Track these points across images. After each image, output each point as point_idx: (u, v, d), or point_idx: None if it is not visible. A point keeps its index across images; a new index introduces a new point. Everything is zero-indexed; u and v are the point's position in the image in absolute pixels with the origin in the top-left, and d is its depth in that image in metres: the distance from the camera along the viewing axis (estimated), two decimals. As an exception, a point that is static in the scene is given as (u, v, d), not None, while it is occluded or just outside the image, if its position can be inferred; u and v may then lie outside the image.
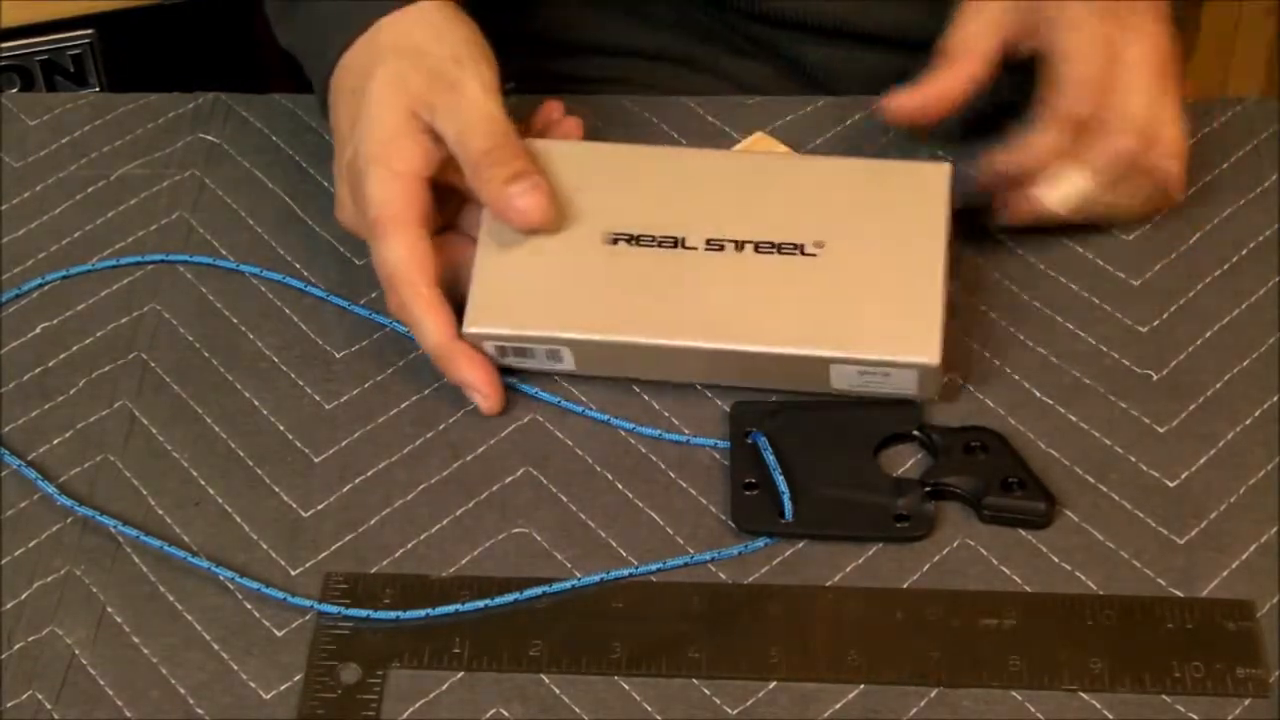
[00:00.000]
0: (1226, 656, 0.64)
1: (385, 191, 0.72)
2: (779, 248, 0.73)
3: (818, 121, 0.84)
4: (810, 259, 0.72)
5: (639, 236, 0.73)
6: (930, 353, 0.70)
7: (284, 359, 0.77)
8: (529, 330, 0.72)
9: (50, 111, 0.89)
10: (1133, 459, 0.71)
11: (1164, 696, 0.64)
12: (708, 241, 0.73)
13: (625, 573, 0.68)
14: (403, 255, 0.72)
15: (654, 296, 0.72)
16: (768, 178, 0.75)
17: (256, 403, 0.75)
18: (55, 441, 0.74)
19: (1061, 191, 0.75)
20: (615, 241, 0.73)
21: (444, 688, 0.65)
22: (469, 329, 0.72)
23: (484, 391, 0.73)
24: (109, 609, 0.68)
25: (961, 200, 0.74)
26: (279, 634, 0.67)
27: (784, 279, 0.72)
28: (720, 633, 0.66)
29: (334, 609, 0.67)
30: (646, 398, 0.74)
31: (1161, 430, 0.72)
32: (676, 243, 0.73)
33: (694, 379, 0.74)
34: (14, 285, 0.80)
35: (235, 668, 0.66)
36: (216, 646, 0.67)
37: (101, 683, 0.66)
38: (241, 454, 0.73)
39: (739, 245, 0.73)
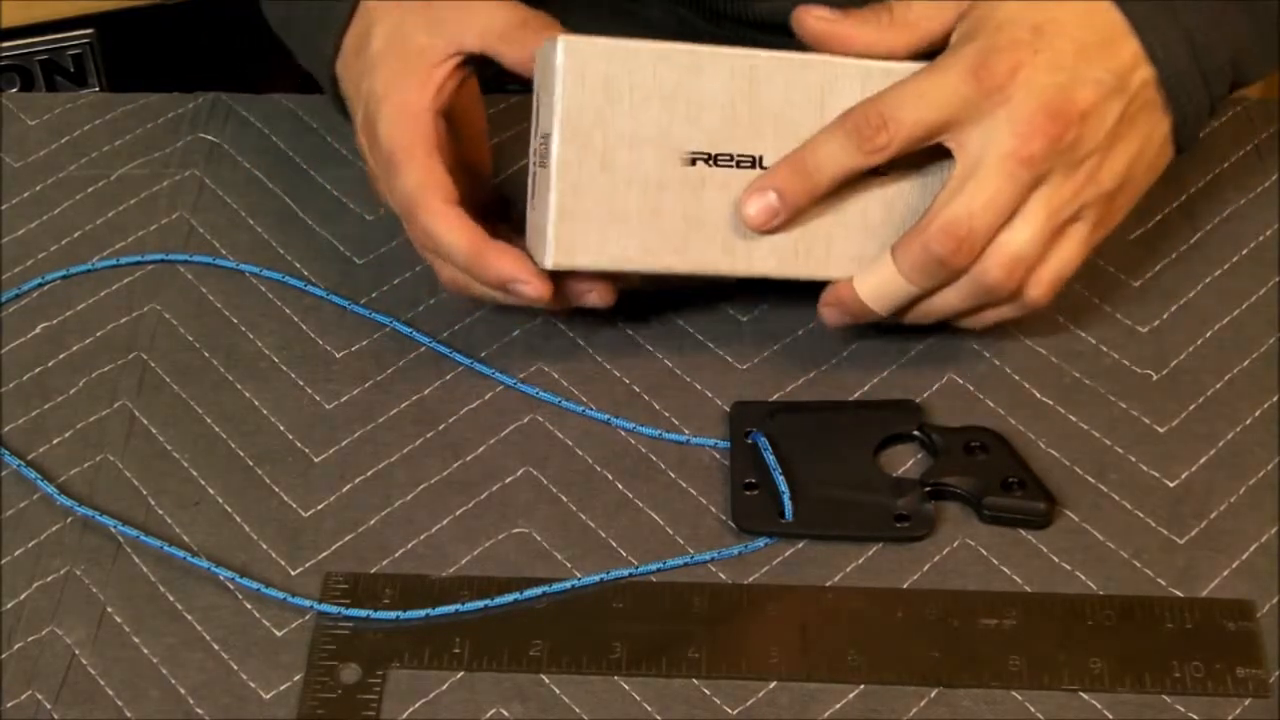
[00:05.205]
0: (1226, 656, 0.64)
1: (393, 125, 0.72)
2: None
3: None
4: (890, 178, 0.71)
5: (717, 156, 0.70)
6: None
7: (284, 359, 0.77)
8: (617, 264, 0.70)
9: (50, 111, 0.89)
10: (1133, 459, 0.71)
11: (1164, 696, 0.64)
12: None
13: (625, 573, 0.68)
14: (417, 180, 0.71)
15: (736, 224, 0.70)
16: (839, 86, 0.70)
17: (256, 403, 0.75)
18: (55, 441, 0.74)
19: (872, 282, 0.71)
20: (694, 162, 0.70)
21: (444, 688, 0.65)
22: (557, 262, 0.69)
23: (529, 280, 0.71)
24: (109, 609, 0.68)
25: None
26: (279, 634, 0.67)
27: (864, 198, 0.71)
28: (720, 633, 0.66)
29: (334, 609, 0.67)
30: (647, 398, 0.74)
31: (1161, 430, 0.72)
32: (754, 162, 0.70)
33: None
34: (14, 285, 0.80)
35: (235, 668, 0.66)
36: (216, 646, 0.67)
37: (101, 683, 0.66)
38: (241, 454, 0.73)
39: None
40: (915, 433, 0.72)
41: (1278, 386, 0.74)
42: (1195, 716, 0.63)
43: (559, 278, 0.72)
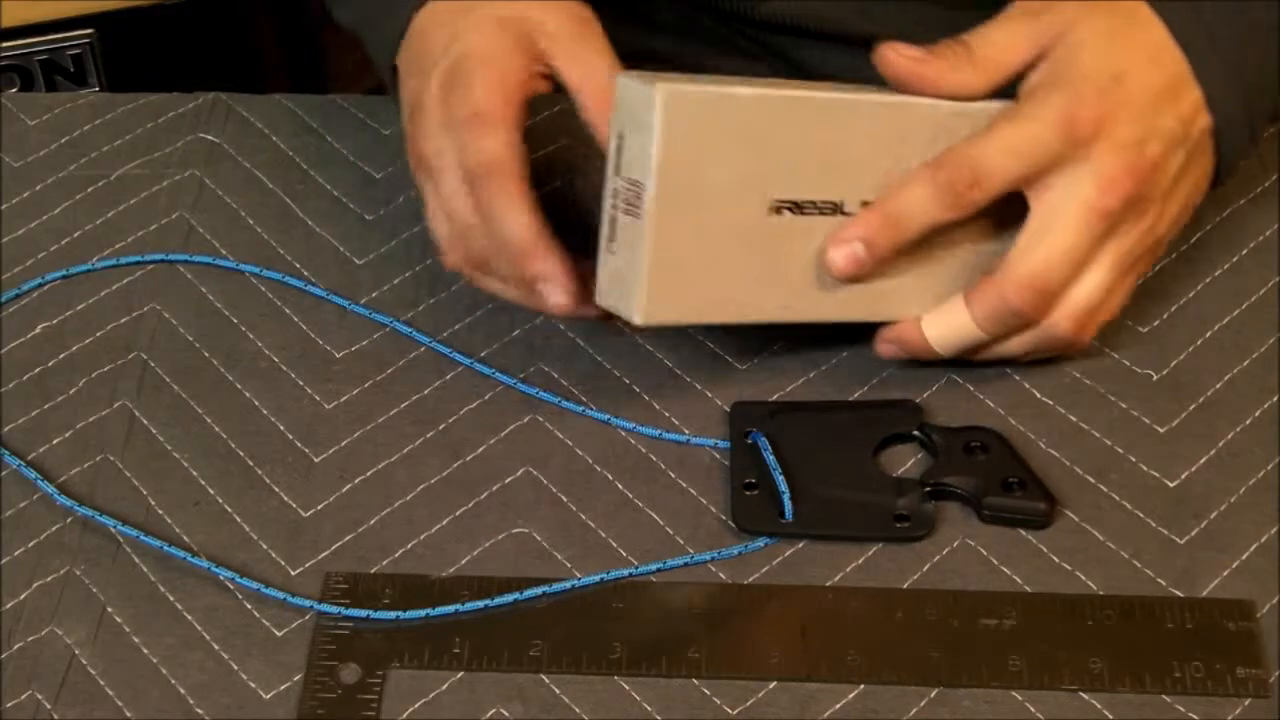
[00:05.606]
0: (1226, 656, 0.64)
1: (490, 89, 0.70)
2: None
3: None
4: (986, 216, 0.70)
5: (802, 204, 0.68)
6: None
7: (284, 359, 0.77)
8: (705, 318, 0.70)
9: (50, 111, 0.89)
10: (1133, 459, 0.71)
11: (1164, 696, 0.64)
12: (863, 204, 0.69)
13: (625, 573, 0.68)
14: (503, 146, 0.69)
15: (815, 272, 0.69)
16: (914, 127, 0.69)
17: (256, 403, 0.75)
18: (55, 441, 0.74)
19: (941, 327, 0.71)
20: (779, 210, 0.68)
21: (444, 688, 0.65)
22: (647, 319, 0.67)
23: (564, 284, 0.69)
24: (109, 609, 0.68)
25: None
26: (279, 634, 0.67)
27: (931, 240, 0.70)
28: (720, 633, 0.66)
29: (334, 609, 0.67)
30: (647, 398, 0.74)
31: (1161, 430, 0.72)
32: (835, 209, 0.69)
33: None
34: (14, 285, 0.80)
35: (235, 668, 0.66)
36: (216, 646, 0.67)
37: (101, 683, 0.66)
38: (241, 454, 0.73)
39: None
40: (915, 433, 0.72)
41: (1278, 387, 0.73)
42: (1195, 716, 0.63)
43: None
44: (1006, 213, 0.70)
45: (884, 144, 0.69)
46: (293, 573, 0.69)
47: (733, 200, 0.67)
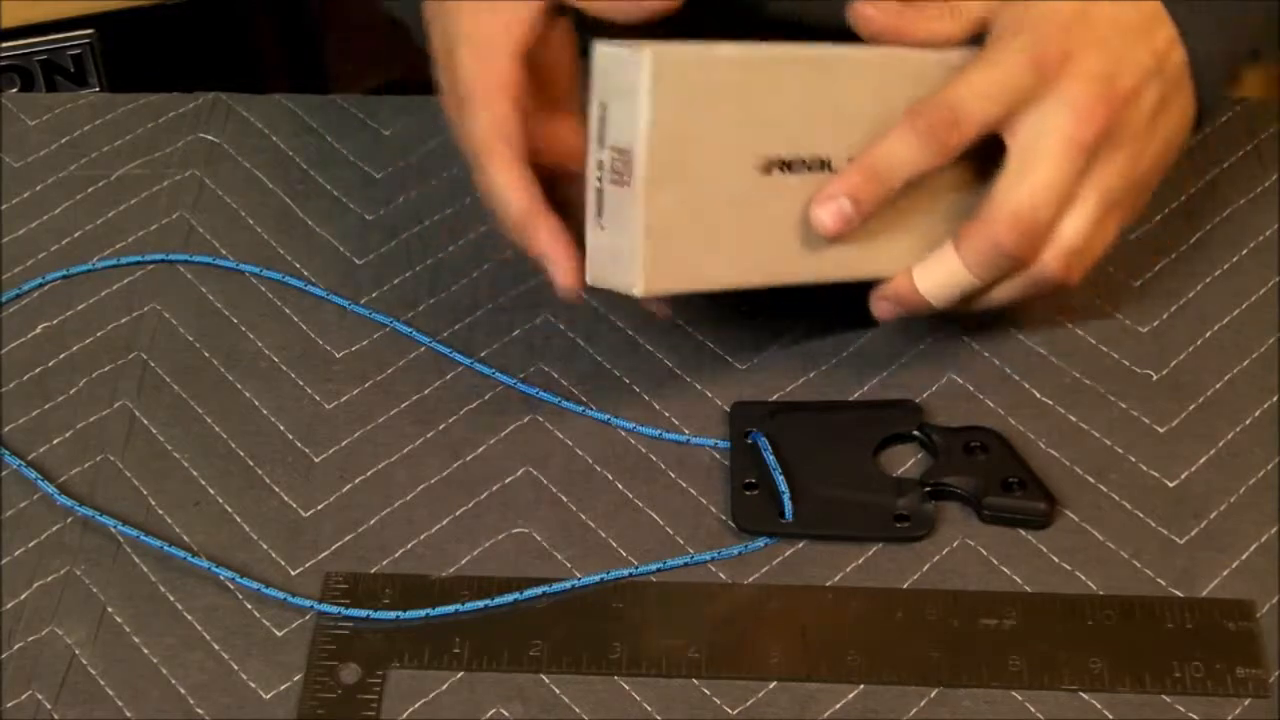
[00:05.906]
0: (1226, 656, 0.64)
1: (474, 66, 0.69)
2: None
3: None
4: (966, 165, 0.70)
5: (791, 162, 0.67)
6: None
7: (284, 359, 0.77)
8: (706, 285, 0.69)
9: (50, 111, 0.89)
10: (1133, 459, 0.71)
11: (1164, 696, 0.64)
12: (849, 159, 0.68)
13: (625, 573, 0.68)
14: (486, 124, 0.68)
15: (803, 231, 0.68)
16: (897, 78, 0.69)
17: (256, 403, 0.75)
18: (55, 441, 0.74)
19: (934, 277, 0.71)
20: (769, 170, 0.67)
21: (444, 688, 0.65)
22: (647, 289, 0.66)
23: (563, 265, 0.68)
24: (109, 609, 0.68)
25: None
26: (279, 634, 0.67)
27: (914, 191, 0.69)
28: (720, 633, 0.66)
29: (334, 609, 0.67)
30: (647, 398, 0.74)
31: (1161, 430, 0.72)
32: (824, 165, 0.68)
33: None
34: (14, 285, 0.80)
35: (235, 668, 0.66)
36: (216, 646, 0.67)
37: (101, 683, 0.66)
38: (241, 454, 0.73)
39: None
40: (915, 433, 0.72)
41: (1278, 387, 0.73)
42: (1195, 716, 0.63)
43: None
44: (988, 161, 0.70)
45: (869, 97, 0.69)
46: (293, 573, 0.69)
47: (723, 161, 0.67)
